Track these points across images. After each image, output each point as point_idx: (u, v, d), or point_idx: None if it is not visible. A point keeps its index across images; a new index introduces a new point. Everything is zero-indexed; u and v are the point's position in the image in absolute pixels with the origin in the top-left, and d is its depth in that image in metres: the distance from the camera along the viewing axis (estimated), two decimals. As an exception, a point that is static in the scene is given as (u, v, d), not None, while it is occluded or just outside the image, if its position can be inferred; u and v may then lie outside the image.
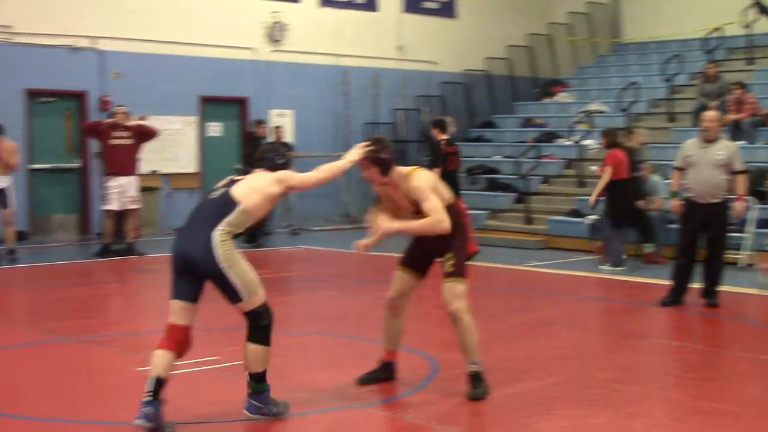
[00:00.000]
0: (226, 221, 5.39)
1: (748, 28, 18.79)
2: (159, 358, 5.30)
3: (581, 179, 16.10)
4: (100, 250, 13.58)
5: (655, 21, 21.35)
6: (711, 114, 9.51)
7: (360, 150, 5.96)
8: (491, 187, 17.33)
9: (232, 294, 5.39)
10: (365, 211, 17.19)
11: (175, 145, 16.97)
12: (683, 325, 9.12)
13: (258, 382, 5.53)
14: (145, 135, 13.82)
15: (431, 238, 6.08)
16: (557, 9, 22.45)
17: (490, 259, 12.95)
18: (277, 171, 5.69)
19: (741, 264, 12.21)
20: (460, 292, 6.04)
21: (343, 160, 5.91)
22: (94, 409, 5.94)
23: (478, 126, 20.51)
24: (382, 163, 5.97)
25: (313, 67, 18.80)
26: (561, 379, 6.61)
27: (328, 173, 5.80)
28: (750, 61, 18.50)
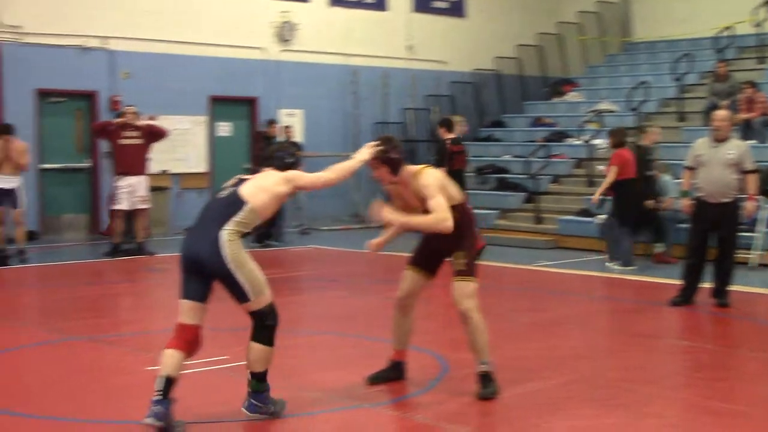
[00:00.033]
0: (234, 221, 5.39)
1: (759, 27, 18.75)
2: (169, 358, 5.31)
3: (591, 179, 16.05)
4: (111, 249, 13.61)
5: (666, 20, 21.30)
6: (721, 113, 9.47)
7: (369, 150, 5.96)
8: (501, 186, 17.32)
9: (239, 294, 5.40)
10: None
11: (185, 145, 17.00)
12: (694, 324, 9.10)
13: (259, 381, 5.54)
14: (154, 135, 13.84)
15: (441, 238, 6.06)
16: (567, 8, 22.41)
17: (500, 258, 12.93)
18: (286, 170, 5.70)
19: (752, 263, 12.16)
20: (471, 292, 6.03)
21: (353, 159, 5.90)
22: (104, 409, 5.95)
23: (488, 125, 20.50)
24: (391, 162, 5.96)
25: (322, 66, 18.81)
26: (571, 379, 6.60)
27: (339, 173, 5.80)
28: (761, 60, 18.43)
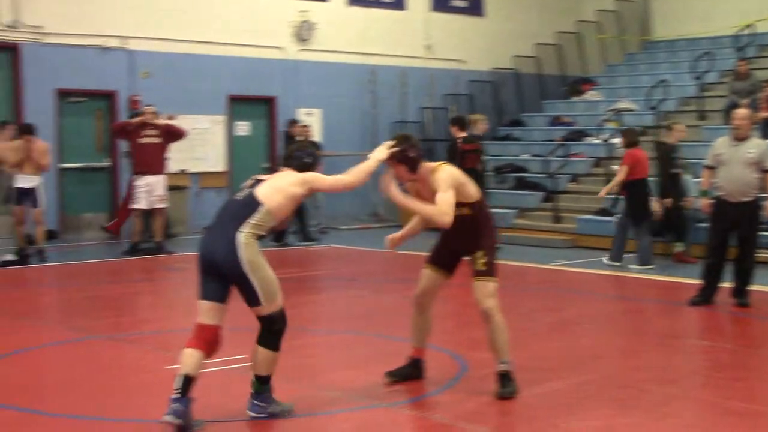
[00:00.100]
0: (250, 223, 5.39)
1: (780, 25, 18.65)
2: (188, 357, 5.32)
3: (610, 178, 15.91)
4: (129, 248, 13.67)
5: (685, 18, 21.19)
6: (742, 112, 9.42)
7: (386, 149, 5.96)
8: (519, 185, 17.29)
9: (251, 297, 5.40)
10: (393, 210, 17.29)
11: (204, 144, 17.05)
12: (713, 324, 9.05)
13: (262, 383, 5.55)
14: (172, 135, 13.89)
15: (459, 237, 6.08)
16: (586, 7, 22.34)
17: (519, 258, 12.91)
18: (304, 171, 5.69)
19: (772, 263, 12.09)
20: (492, 291, 6.03)
21: (370, 160, 5.88)
22: (123, 407, 5.98)
23: (507, 124, 20.46)
24: (409, 161, 5.97)
25: (340, 66, 18.82)
26: (590, 379, 6.58)
27: (358, 176, 5.77)
28: (781, 58, 18.35)
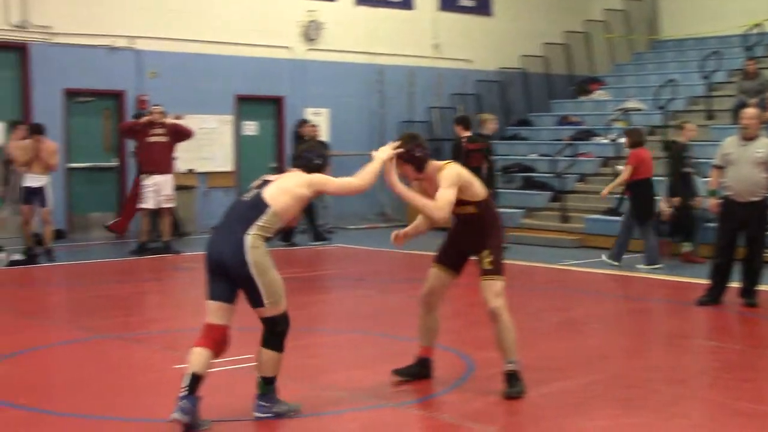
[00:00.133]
0: (257, 224, 5.39)
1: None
2: (196, 356, 5.34)
3: (617, 178, 15.94)
4: (137, 248, 13.69)
5: (694, 17, 21.13)
6: (750, 111, 9.40)
7: (391, 150, 5.95)
8: (527, 185, 17.27)
9: (255, 298, 5.41)
10: (401, 210, 17.27)
11: (212, 144, 17.06)
12: (721, 324, 9.03)
13: (267, 384, 5.56)
14: (180, 134, 13.90)
15: (466, 236, 6.10)
16: (594, 6, 22.30)
17: (526, 257, 12.89)
18: (312, 172, 5.69)
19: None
20: (499, 290, 6.03)
21: (375, 161, 5.86)
22: (131, 406, 5.99)
23: (514, 124, 20.43)
24: (416, 160, 5.98)
25: (348, 65, 18.82)
26: (597, 379, 6.57)
27: (366, 179, 5.76)
28: (790, 58, 18.29)
